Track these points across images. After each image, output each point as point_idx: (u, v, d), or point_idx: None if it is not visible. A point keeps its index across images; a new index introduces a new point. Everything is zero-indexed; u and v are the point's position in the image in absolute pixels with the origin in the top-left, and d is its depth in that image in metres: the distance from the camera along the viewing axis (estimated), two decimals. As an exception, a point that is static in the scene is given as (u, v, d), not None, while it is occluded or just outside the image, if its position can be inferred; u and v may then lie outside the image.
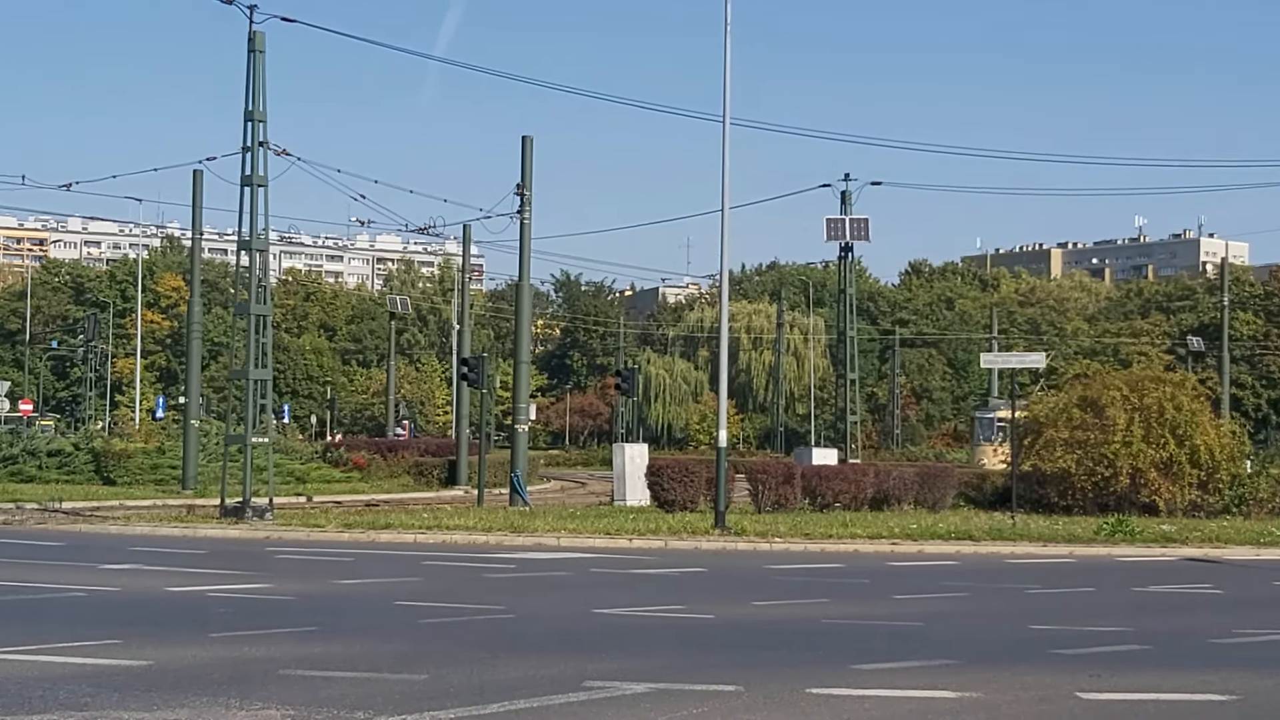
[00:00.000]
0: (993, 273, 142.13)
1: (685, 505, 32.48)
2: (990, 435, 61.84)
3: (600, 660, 11.93)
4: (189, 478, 41.12)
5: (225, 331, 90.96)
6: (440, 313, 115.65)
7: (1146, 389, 35.83)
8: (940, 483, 36.51)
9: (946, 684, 10.92)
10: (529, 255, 38.49)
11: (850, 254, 52.17)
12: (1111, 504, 33.36)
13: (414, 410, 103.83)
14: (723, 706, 9.94)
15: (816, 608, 16.39)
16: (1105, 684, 11.15)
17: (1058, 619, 15.55)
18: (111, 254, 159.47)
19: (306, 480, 44.51)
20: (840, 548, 25.15)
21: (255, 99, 30.12)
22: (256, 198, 30.30)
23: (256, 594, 17.06)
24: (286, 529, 27.63)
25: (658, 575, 20.47)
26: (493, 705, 9.77)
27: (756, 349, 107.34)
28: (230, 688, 10.32)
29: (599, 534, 26.26)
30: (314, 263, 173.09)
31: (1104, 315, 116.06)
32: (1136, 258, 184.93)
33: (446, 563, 21.80)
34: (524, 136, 38.44)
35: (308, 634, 13.43)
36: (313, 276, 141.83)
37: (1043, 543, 26.17)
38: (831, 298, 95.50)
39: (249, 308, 30.68)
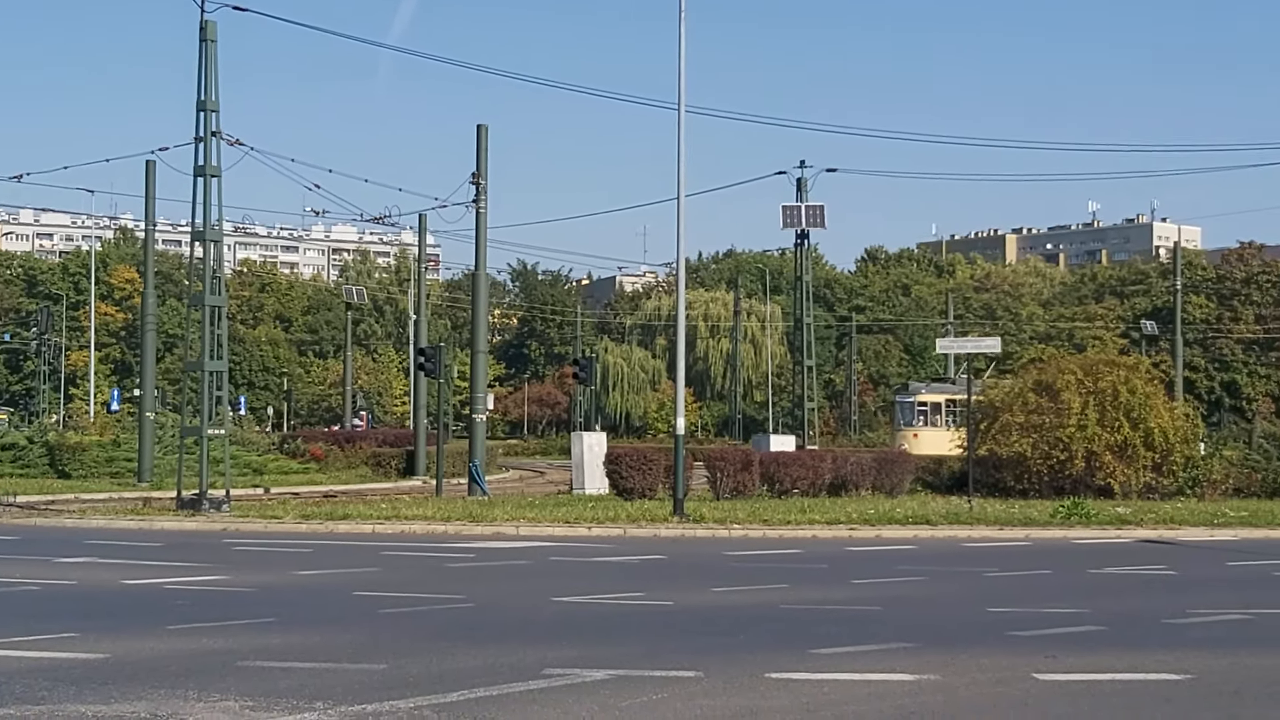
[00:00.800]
0: (948, 259, 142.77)
1: (644, 493, 32.52)
2: (911, 419, 61.45)
3: (560, 648, 11.94)
4: (145, 470, 40.86)
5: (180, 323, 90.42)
6: (397, 303, 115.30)
7: (1101, 373, 36.12)
8: (897, 468, 36.71)
9: (904, 667, 10.99)
10: (485, 244, 38.43)
11: (806, 241, 52.24)
12: (1067, 487, 33.63)
13: (371, 401, 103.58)
14: (682, 692, 9.97)
15: (775, 593, 16.45)
16: (1061, 665, 11.24)
17: (1015, 601, 15.67)
18: (64, 246, 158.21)
19: (263, 472, 44.30)
20: (798, 533, 25.24)
21: (207, 88, 29.89)
22: (210, 188, 30.09)
23: (214, 586, 16.97)
24: (244, 521, 27.49)
25: (617, 563, 20.49)
26: (453, 694, 9.77)
27: (714, 337, 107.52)
28: (188, 679, 10.27)
29: (558, 523, 26.25)
30: (269, 253, 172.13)
31: (1058, 300, 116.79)
32: (1090, 242, 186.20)
33: (405, 553, 21.75)
34: (479, 125, 38.38)
35: (266, 625, 13.38)
36: (268, 267, 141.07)
37: (999, 526, 26.35)
38: (788, 285, 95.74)
39: (203, 299, 30.48)
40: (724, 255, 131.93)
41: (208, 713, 9.15)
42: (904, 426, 61.61)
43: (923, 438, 56.90)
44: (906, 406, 63.20)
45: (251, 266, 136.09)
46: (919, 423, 60.53)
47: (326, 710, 9.24)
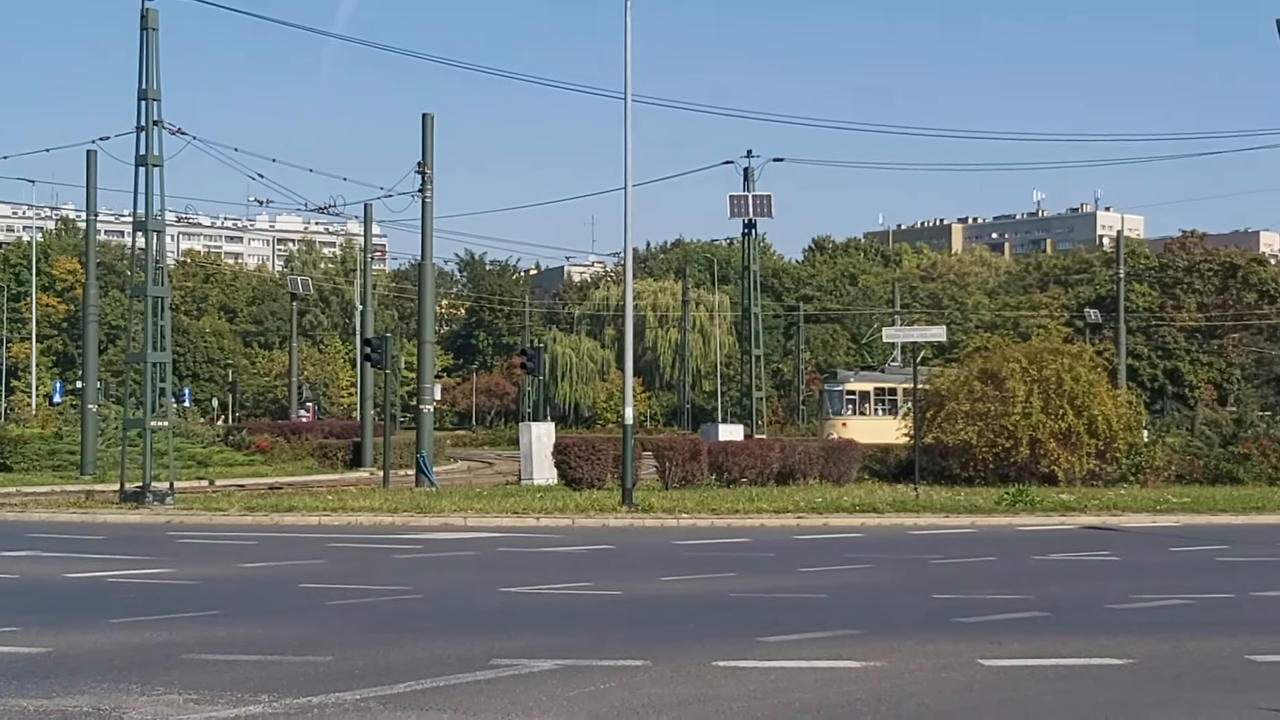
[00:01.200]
0: (895, 248, 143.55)
1: (592, 483, 32.50)
2: (839, 408, 60.61)
3: (508, 639, 11.91)
4: (88, 463, 40.46)
5: (123, 315, 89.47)
6: (343, 293, 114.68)
7: (1045, 361, 36.39)
8: (845, 457, 36.85)
9: (851, 654, 11.04)
10: (431, 234, 38.26)
11: (754, 231, 52.36)
12: (1012, 474, 33.87)
13: (317, 392, 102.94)
14: (630, 681, 9.97)
15: (723, 582, 16.48)
16: (1006, 650, 11.32)
17: (960, 588, 15.77)
18: (4, 237, 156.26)
19: (208, 464, 43.96)
20: (747, 522, 25.31)
21: (149, 77, 29.60)
22: (152, 178, 29.80)
23: (158, 579, 16.83)
24: (188, 513, 27.27)
25: (565, 553, 20.47)
26: (399, 685, 9.72)
27: (662, 327, 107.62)
28: (131, 673, 10.18)
29: (506, 513, 26.20)
30: (213, 244, 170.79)
31: (1004, 289, 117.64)
32: (1035, 232, 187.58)
33: (352, 544, 21.64)
34: (424, 114, 38.21)
35: (210, 618, 13.28)
36: (212, 258, 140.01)
37: (945, 514, 26.50)
38: (736, 275, 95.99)
39: (146, 290, 30.19)
40: (672, 245, 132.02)
41: (151, 706, 9.06)
42: (832, 415, 60.43)
43: (852, 427, 55.67)
44: (835, 395, 62.07)
45: (195, 257, 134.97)
46: (848, 411, 59.69)
47: (272, 703, 9.18)
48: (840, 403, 60.83)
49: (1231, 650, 11.47)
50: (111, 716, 8.77)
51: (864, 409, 59.86)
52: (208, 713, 8.89)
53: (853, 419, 58.02)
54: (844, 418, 58.68)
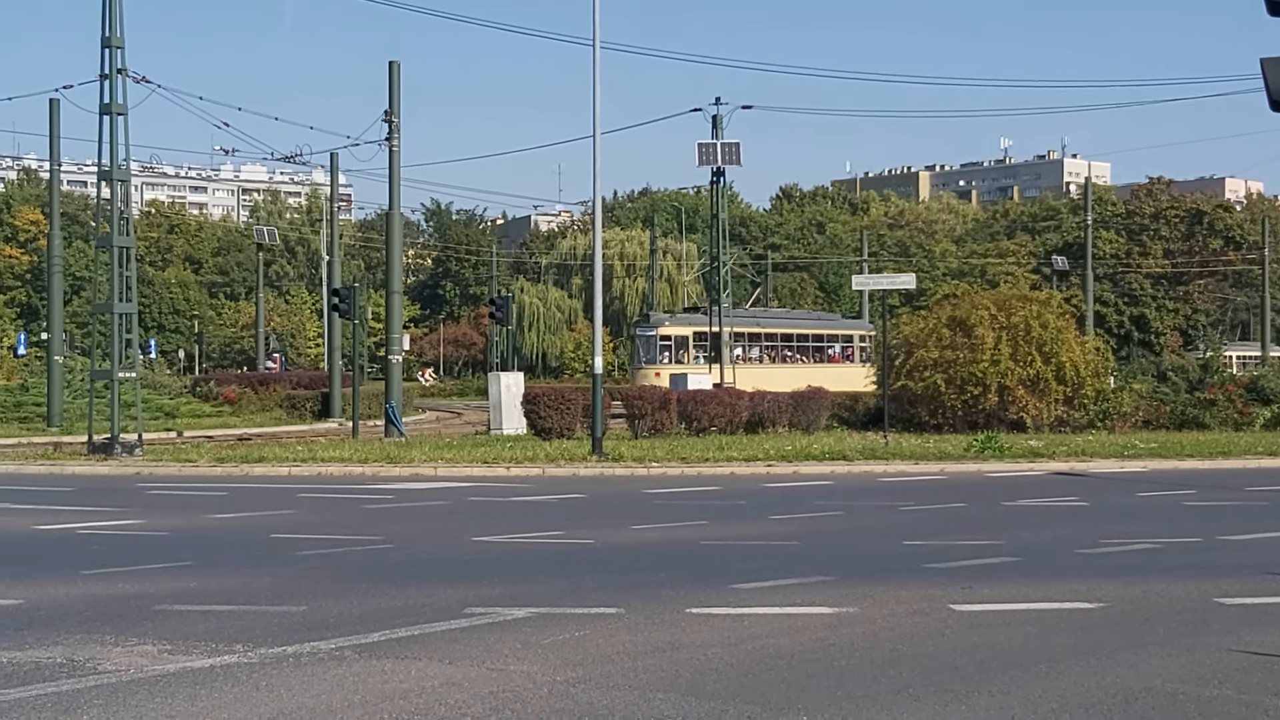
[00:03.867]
0: (862, 196, 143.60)
1: (562, 433, 32.52)
2: (653, 355, 53.64)
3: (481, 587, 11.93)
4: (54, 415, 40.26)
5: (87, 265, 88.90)
6: (309, 244, 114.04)
7: (1013, 308, 36.52)
8: (814, 405, 36.95)
9: (823, 600, 11.10)
10: (399, 183, 38.03)
11: (722, 179, 52.24)
12: (981, 421, 34.04)
13: (285, 343, 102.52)
14: (604, 629, 10.00)
15: (695, 530, 16.53)
16: (977, 595, 11.40)
17: (930, 534, 15.86)
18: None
19: (176, 415, 43.80)
20: (717, 471, 25.38)
21: (112, 24, 29.25)
22: (116, 127, 29.53)
23: (128, 530, 16.78)
24: (157, 465, 27.18)
25: (536, 502, 20.50)
26: (374, 634, 9.72)
27: (630, 276, 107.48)
28: (105, 624, 10.15)
29: (476, 463, 26.21)
30: (177, 194, 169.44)
31: (971, 236, 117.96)
32: (1002, 179, 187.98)
33: (323, 495, 21.62)
34: (391, 62, 37.90)
35: (183, 569, 13.24)
36: (176, 208, 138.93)
37: (914, 461, 26.64)
38: (704, 224, 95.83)
39: (111, 240, 29.95)
40: (639, 194, 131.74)
41: (125, 657, 9.04)
42: (644, 363, 53.54)
43: (666, 377, 49.22)
44: (648, 340, 54.56)
45: (159, 207, 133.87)
46: (663, 359, 52.98)
47: (247, 652, 9.17)
48: (654, 349, 53.70)
49: (1200, 593, 11.57)
50: (86, 667, 8.74)
51: (681, 356, 53.35)
52: (182, 663, 8.88)
53: (668, 368, 51.12)
54: (658, 366, 51.93)
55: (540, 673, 8.61)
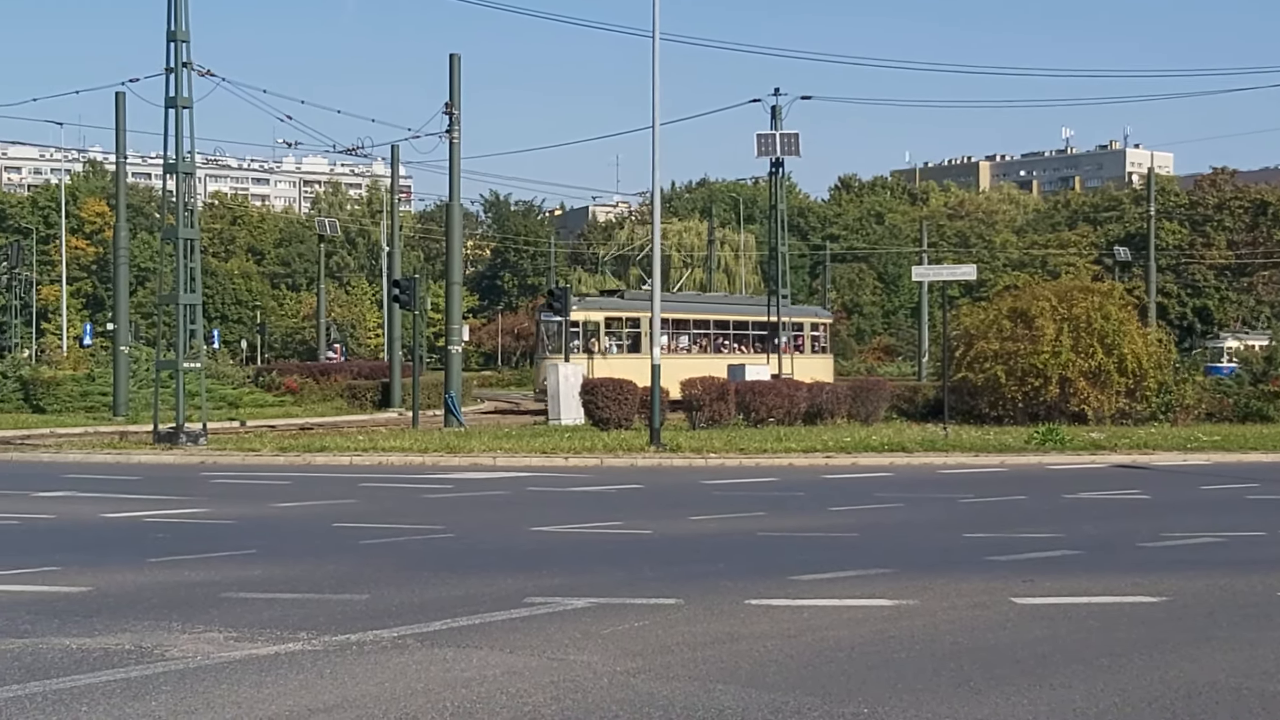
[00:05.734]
0: (922, 186, 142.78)
1: (620, 423, 32.59)
2: (559, 344, 46.77)
3: (540, 577, 11.99)
4: (120, 404, 40.74)
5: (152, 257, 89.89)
6: (369, 235, 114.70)
7: (1075, 299, 36.26)
8: (873, 396, 36.85)
9: (883, 592, 11.08)
10: (459, 175, 38.21)
11: (781, 169, 52.02)
12: (1041, 413, 33.82)
13: (345, 333, 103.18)
14: (664, 619, 10.04)
15: (753, 521, 16.54)
16: (1039, 589, 11.35)
17: (991, 527, 15.79)
18: (33, 179, 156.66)
19: (239, 405, 44.22)
20: (775, 462, 25.35)
21: (178, 19, 29.55)
22: (181, 120, 29.83)
23: (194, 518, 16.99)
24: (221, 453, 27.47)
25: (595, 493, 20.56)
26: (435, 623, 9.81)
27: (687, 267, 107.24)
28: (172, 611, 10.30)
29: (535, 453, 26.31)
30: (240, 186, 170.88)
31: (1032, 227, 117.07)
32: (1064, 169, 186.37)
33: (384, 484, 21.80)
34: (451, 55, 38.05)
35: (247, 557, 13.40)
36: (239, 200, 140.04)
37: (974, 453, 26.50)
38: (762, 214, 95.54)
39: (177, 232, 30.28)
40: (697, 185, 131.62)
41: (193, 644, 9.17)
42: (550, 353, 46.60)
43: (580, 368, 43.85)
44: (554, 328, 47.36)
45: (223, 199, 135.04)
46: (571, 347, 46.42)
47: (311, 640, 9.28)
48: (559, 337, 46.65)
49: (1264, 587, 11.48)
50: (153, 654, 8.87)
51: (591, 345, 46.94)
52: (248, 650, 8.99)
53: (577, 358, 44.95)
54: (574, 354, 45.66)
55: (600, 663, 8.66)
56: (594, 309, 48.04)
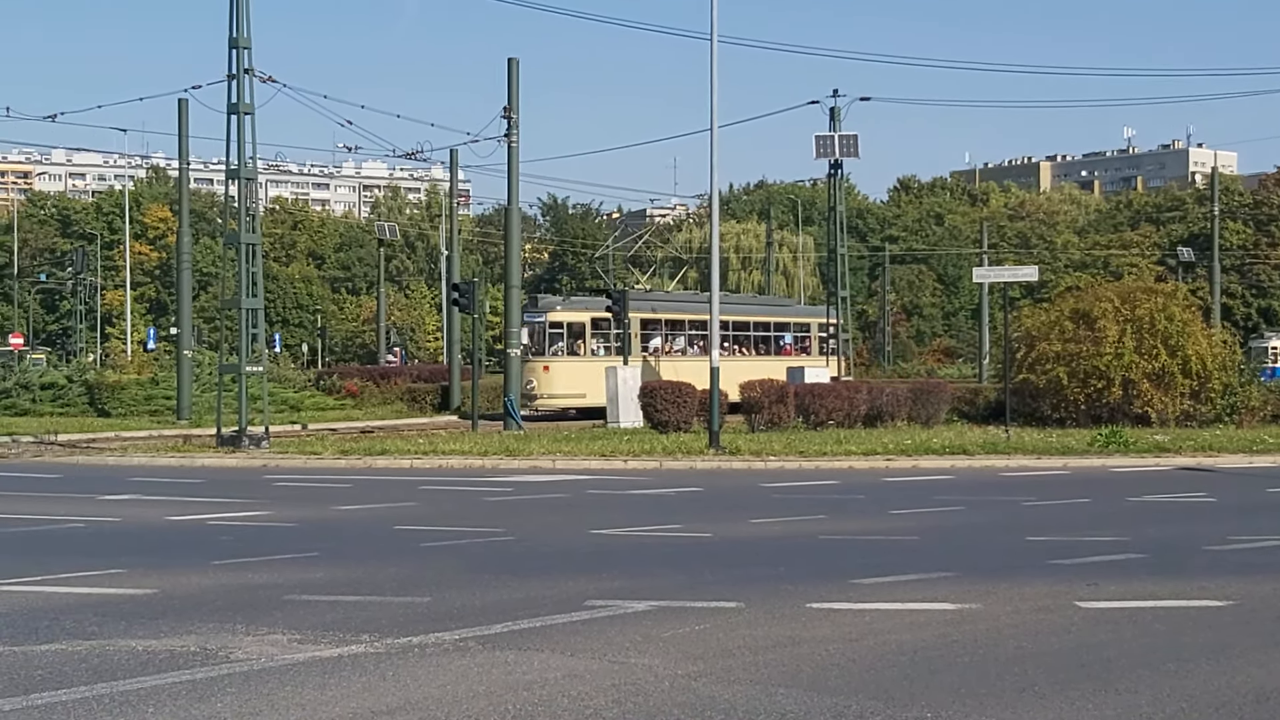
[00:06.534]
0: (982, 187, 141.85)
1: (679, 426, 32.58)
2: (541, 346, 44.24)
3: (601, 580, 12.00)
4: (183, 408, 41.14)
5: (214, 261, 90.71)
6: (428, 239, 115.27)
7: (1138, 300, 35.90)
8: (933, 398, 36.65)
9: (945, 596, 11.01)
10: (517, 179, 38.30)
11: (839, 171, 51.90)
12: (1105, 415, 33.51)
13: (405, 337, 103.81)
14: (725, 622, 10.02)
15: (813, 524, 16.48)
16: (1103, 592, 11.24)
17: (1054, 530, 15.66)
18: (97, 185, 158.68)
19: (300, 408, 44.56)
20: (835, 464, 25.26)
21: (239, 25, 29.83)
22: (243, 126, 30.10)
23: (257, 521, 17.13)
24: (283, 457, 27.69)
25: (654, 495, 20.56)
26: (496, 626, 9.84)
27: (745, 269, 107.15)
28: (236, 613, 10.38)
29: (594, 456, 26.35)
30: (301, 191, 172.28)
31: (1094, 227, 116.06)
32: (1126, 169, 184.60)
33: (444, 487, 21.90)
34: (510, 59, 38.16)
35: (310, 560, 13.49)
36: (300, 205, 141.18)
37: (1037, 455, 26.30)
38: (820, 216, 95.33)
39: (239, 237, 30.55)
40: (755, 186, 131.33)
41: (257, 646, 9.24)
42: (531, 356, 43.60)
43: (557, 371, 43.00)
44: (536, 329, 44.64)
45: (284, 204, 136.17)
46: (555, 350, 44.06)
47: (373, 642, 9.33)
48: (542, 339, 44.39)
49: (1334, 592, 11.32)
50: (218, 656, 8.95)
51: (576, 347, 44.48)
52: (311, 652, 9.05)
53: (560, 361, 43.04)
54: (546, 359, 43.31)
55: (661, 666, 8.65)
56: (579, 309, 45.11)
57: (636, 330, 44.88)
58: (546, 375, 42.45)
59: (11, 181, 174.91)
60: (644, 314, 44.80)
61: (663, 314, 46.02)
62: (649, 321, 45.99)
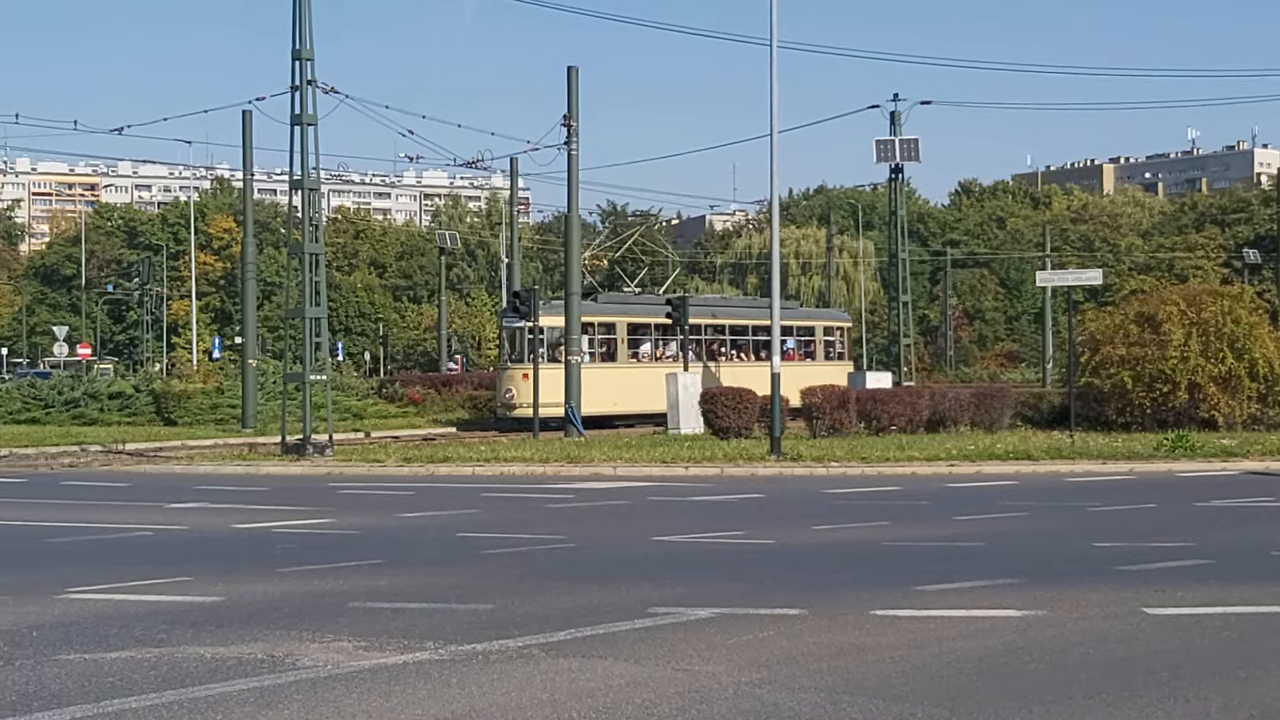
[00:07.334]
0: (1044, 190, 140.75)
1: (740, 432, 32.54)
2: (521, 352, 42.07)
3: (664, 587, 12.00)
4: (248, 417, 41.50)
5: (278, 271, 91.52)
6: (489, 246, 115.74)
7: (1203, 303, 35.51)
8: (996, 403, 36.39)
9: (1011, 603, 10.93)
10: (577, 187, 38.42)
11: (900, 175, 51.77)
12: (1170, 419, 33.15)
13: (466, 345, 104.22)
14: (789, 630, 9.99)
15: (877, 530, 16.41)
16: (1171, 599, 11.12)
17: (1120, 535, 15.51)
18: (162, 197, 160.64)
19: (363, 416, 44.85)
20: (898, 470, 25.15)
21: (302, 37, 30.09)
22: (306, 137, 30.35)
23: (321, 529, 17.25)
24: (347, 464, 27.88)
25: (716, 502, 20.54)
26: (560, 633, 9.86)
27: (805, 274, 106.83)
28: (302, 620, 10.46)
29: (655, 462, 26.36)
30: (362, 200, 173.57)
31: (1158, 230, 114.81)
32: (1190, 171, 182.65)
33: (506, 494, 21.97)
34: (569, 67, 38.33)
35: (374, 567, 13.58)
36: (362, 214, 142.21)
37: (1102, 460, 26.06)
38: (881, 220, 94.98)
39: (302, 247, 30.81)
40: (815, 191, 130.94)
41: (323, 653, 9.31)
42: (510, 362, 42.23)
43: (542, 378, 39.09)
44: (515, 334, 42.74)
45: (346, 213, 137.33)
46: (543, 356, 41.15)
47: (438, 649, 9.37)
48: (522, 343, 42.29)
49: None
50: (285, 663, 9.02)
51: (557, 353, 41.42)
52: (377, 659, 9.11)
53: (543, 367, 40.06)
54: (526, 365, 40.70)
55: (725, 673, 8.65)
56: (560, 314, 40.72)
57: (623, 335, 44.16)
58: (526, 383, 40.07)
59: (79, 194, 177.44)
60: (559, 320, 40.58)
61: (654, 319, 43.52)
62: (644, 326, 44.33)
